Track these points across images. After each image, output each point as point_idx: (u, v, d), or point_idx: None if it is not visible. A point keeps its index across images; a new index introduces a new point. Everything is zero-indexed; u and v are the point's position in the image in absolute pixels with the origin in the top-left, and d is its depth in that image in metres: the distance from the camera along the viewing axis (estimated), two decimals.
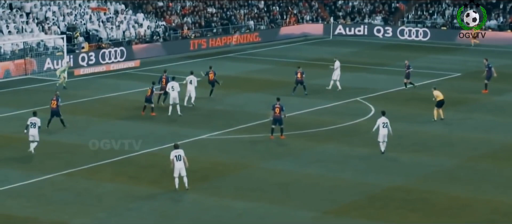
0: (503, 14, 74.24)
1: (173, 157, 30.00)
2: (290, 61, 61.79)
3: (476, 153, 35.83)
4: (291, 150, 36.34)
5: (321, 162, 34.47)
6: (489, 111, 44.41)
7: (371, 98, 47.26)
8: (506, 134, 39.15)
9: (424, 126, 40.70)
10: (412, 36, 74.52)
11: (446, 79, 54.26)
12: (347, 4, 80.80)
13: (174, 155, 29.99)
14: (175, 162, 29.90)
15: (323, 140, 37.87)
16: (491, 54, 65.58)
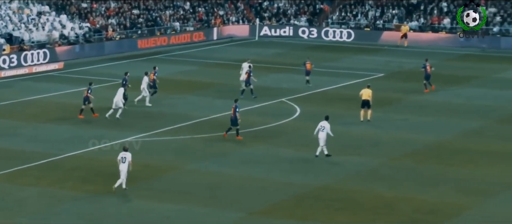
0: (424, 16, 75.63)
1: (119, 159, 30.33)
2: (216, 63, 61.83)
3: (400, 152, 36.44)
4: (218, 151, 36.39)
5: (249, 163, 34.60)
6: (411, 111, 45.18)
7: (296, 99, 47.62)
8: (428, 133, 39.90)
9: (349, 126, 41.20)
10: (336, 37, 75.31)
11: (370, 80, 54.97)
12: (273, 6, 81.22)
13: (120, 156, 30.29)
14: (119, 163, 30.22)
15: (250, 141, 38.02)
16: (413, 55, 66.74)
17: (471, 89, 51.44)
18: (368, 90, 42.13)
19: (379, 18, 77.03)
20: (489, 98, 48.71)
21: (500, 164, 34.69)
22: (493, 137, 39.46)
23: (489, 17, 73.11)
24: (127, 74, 45.54)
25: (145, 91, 44.91)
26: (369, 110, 41.84)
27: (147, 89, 45.02)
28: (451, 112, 44.64)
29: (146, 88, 44.97)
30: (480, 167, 34.20)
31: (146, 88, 44.97)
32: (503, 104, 46.71)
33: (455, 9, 75.48)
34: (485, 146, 37.52)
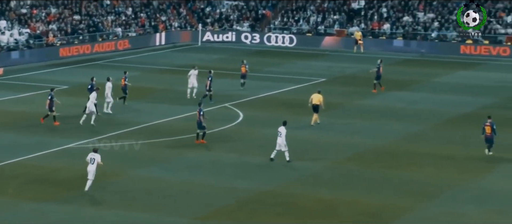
0: (364, 21, 76.32)
1: (88, 159, 30.55)
2: (159, 68, 61.48)
3: (342, 156, 36.63)
4: (160, 157, 36.14)
5: (192, 168, 34.44)
6: (354, 115, 45.48)
7: (239, 104, 47.59)
8: (370, 137, 40.20)
9: (292, 131, 41.24)
10: (278, 43, 75.56)
11: (312, 85, 55.24)
12: (215, 11, 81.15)
13: (89, 157, 30.59)
14: (88, 164, 30.54)
15: (193, 147, 37.83)
16: (354, 59, 67.26)
17: (411, 93, 52.00)
18: (318, 96, 42.45)
19: (320, 23, 77.52)
20: (428, 102, 49.31)
21: (440, 166, 35.11)
22: (433, 140, 39.92)
23: (427, 23, 74.10)
24: (93, 79, 44.89)
25: (109, 98, 44.11)
26: (316, 115, 42.03)
27: (111, 95, 44.13)
28: (392, 116, 45.06)
29: (109, 94, 44.11)
30: (421, 170, 34.57)
31: (109, 94, 44.11)
32: (442, 108, 47.31)
33: (394, 14, 76.37)
34: (425, 149, 37.94)
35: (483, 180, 33.11)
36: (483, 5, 74.33)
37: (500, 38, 70.94)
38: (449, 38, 72.30)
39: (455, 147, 38.49)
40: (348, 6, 78.19)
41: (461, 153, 37.24)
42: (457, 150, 37.88)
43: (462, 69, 62.15)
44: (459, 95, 51.50)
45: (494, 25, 72.05)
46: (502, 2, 74.16)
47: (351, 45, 72.31)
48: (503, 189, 32.00)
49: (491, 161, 35.79)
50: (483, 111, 44.68)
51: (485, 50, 69.46)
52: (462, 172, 34.33)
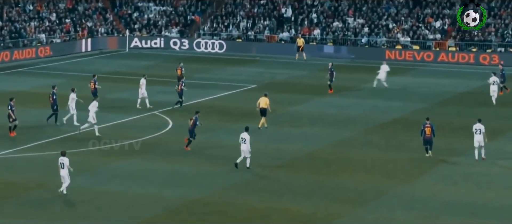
0: (295, 27, 76.68)
1: (58, 164, 31.07)
2: (85, 76, 60.64)
3: (273, 163, 36.60)
4: (87, 166, 35.55)
5: (120, 178, 33.97)
6: (285, 121, 45.54)
7: (168, 112, 47.23)
8: (301, 144, 40.28)
9: (222, 138, 41.12)
10: (208, 49, 75.34)
11: (243, 91, 55.20)
12: (143, 17, 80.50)
13: (59, 162, 31.04)
14: (59, 169, 30.87)
15: (121, 155, 37.34)
16: (284, 65, 67.46)
17: (342, 99, 52.35)
18: (265, 99, 42.72)
19: (250, 29, 77.58)
20: (359, 108, 49.69)
21: (371, 172, 35.35)
22: (364, 145, 40.20)
23: (357, 28, 74.81)
24: (55, 87, 44.36)
25: (72, 109, 43.19)
26: (263, 118, 42.14)
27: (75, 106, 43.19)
28: (323, 122, 45.25)
29: (73, 106, 43.14)
30: (352, 176, 34.75)
31: (73, 106, 43.14)
32: (372, 114, 47.72)
33: (324, 20, 76.91)
34: (356, 155, 38.17)
35: (413, 186, 33.44)
36: (412, 11, 75.45)
37: (429, 43, 72.01)
38: (379, 44, 73.09)
39: (386, 153, 38.82)
40: (278, 11, 78.46)
41: (392, 158, 37.56)
42: (387, 156, 38.20)
43: (391, 75, 62.83)
44: (388, 101, 52.02)
45: (423, 30, 73.12)
46: (430, 8, 75.34)
47: (282, 51, 72.54)
48: (432, 194, 32.36)
49: (421, 167, 36.18)
50: (412, 116, 45.23)
51: (409, 55, 70.38)
52: (392, 177, 34.63)
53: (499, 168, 36.24)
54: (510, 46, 69.76)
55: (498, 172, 35.56)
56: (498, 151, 38.98)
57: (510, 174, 35.22)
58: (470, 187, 33.38)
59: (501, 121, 45.84)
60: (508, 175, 35.12)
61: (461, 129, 43.06)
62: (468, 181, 34.14)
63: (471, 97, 53.89)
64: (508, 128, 44.06)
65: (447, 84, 58.62)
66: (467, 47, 70.80)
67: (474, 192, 32.66)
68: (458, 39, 71.48)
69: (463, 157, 37.89)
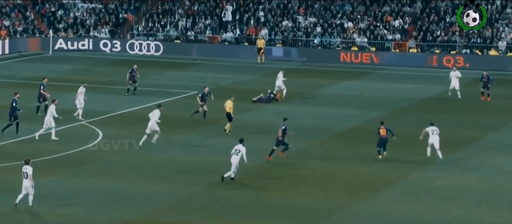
0: (239, 26, 76.72)
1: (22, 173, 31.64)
2: (2, 82, 59.81)
3: (216, 179, 36.44)
4: (6, 184, 34.99)
5: (41, 198, 33.48)
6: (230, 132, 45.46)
7: (98, 122, 46.84)
8: (248, 156, 40.14)
9: (160, 151, 40.88)
10: (143, 51, 75.00)
11: (183, 98, 55.01)
12: (69, 15, 79.77)
13: (22, 171, 31.63)
14: (23, 179, 31.52)
15: (43, 171, 36.83)
16: (229, 69, 67.45)
17: (292, 107, 52.42)
18: (230, 103, 43.60)
19: (190, 29, 77.43)
20: (311, 116, 49.83)
21: (325, 188, 35.36)
22: (318, 158, 40.28)
23: (309, 28, 75.15)
24: (17, 94, 44.30)
25: (51, 122, 42.57)
26: (228, 124, 42.84)
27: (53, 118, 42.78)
28: (271, 133, 45.11)
29: (52, 119, 42.63)
30: (305, 192, 34.73)
31: (52, 119, 42.63)
32: (326, 123, 47.88)
33: (272, 19, 77.07)
34: (309, 169, 38.19)
35: (372, 202, 33.58)
36: (369, 9, 76.05)
37: (388, 44, 72.62)
38: (333, 45, 73.50)
39: (342, 165, 38.95)
40: (220, 9, 78.44)
41: (349, 172, 37.71)
42: (344, 169, 38.33)
43: (347, 79, 63.23)
44: (344, 108, 52.30)
45: (381, 30, 73.71)
46: (389, 5, 76.03)
47: (225, 53, 72.62)
48: (392, 211, 32.52)
49: (381, 181, 36.35)
50: (371, 125, 45.43)
51: (366, 57, 70.95)
52: (349, 193, 34.72)
53: (465, 181, 36.58)
54: (476, 47, 70.68)
55: (464, 186, 35.89)
56: (464, 163, 39.38)
57: (477, 189, 35.56)
58: (433, 203, 33.63)
59: (467, 130, 46.35)
60: (475, 189, 35.45)
61: (425, 139, 43.38)
62: (432, 197, 34.38)
63: (434, 103, 54.45)
64: (474, 137, 44.54)
65: (408, 90, 59.16)
66: (430, 48, 71.59)
67: (438, 209, 32.90)
68: (419, 40, 72.23)
69: (427, 170, 38.19)
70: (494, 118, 49.59)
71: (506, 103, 54.51)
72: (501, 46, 70.10)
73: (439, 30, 72.47)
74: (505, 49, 70.02)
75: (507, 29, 71.32)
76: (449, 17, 73.44)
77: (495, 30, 71.34)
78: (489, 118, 49.32)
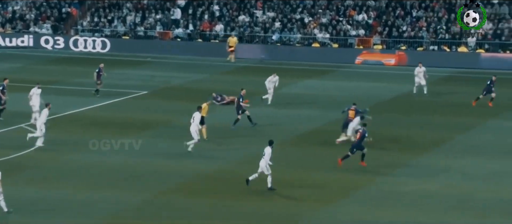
0: (193, 22, 76.62)
1: None
2: None
3: (168, 185, 36.39)
4: None
5: None
6: (182, 135, 45.39)
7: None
8: (200, 161, 40.16)
9: (103, 156, 40.72)
10: (88, 48, 74.70)
11: (132, 99, 54.84)
12: (6, 9, 79.20)
13: None
14: None
15: None
16: (180, 68, 67.39)
17: (251, 108, 52.36)
18: (205, 106, 43.45)
19: (139, 24, 77.22)
20: (269, 118, 49.93)
21: (284, 194, 35.41)
22: (278, 162, 40.20)
23: (267, 23, 75.29)
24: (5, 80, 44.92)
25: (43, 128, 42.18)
26: (203, 128, 42.56)
27: None
28: (229, 136, 45.21)
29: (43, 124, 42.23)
30: (263, 199, 34.75)
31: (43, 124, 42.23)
32: (286, 125, 47.97)
33: (228, 13, 77.11)
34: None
35: (334, 209, 33.68)
36: (331, 2, 76.37)
37: (351, 40, 73.00)
38: (293, 42, 73.68)
39: (302, 170, 39.04)
40: (173, 3, 78.32)
41: (309, 177, 37.79)
42: (304, 174, 38.41)
43: (308, 78, 63.45)
44: (304, 109, 52.45)
45: (344, 25, 74.06)
46: None
47: (177, 50, 72.59)
48: (356, 219, 32.69)
49: (344, 186, 36.47)
50: (333, 127, 45.65)
51: (329, 54, 71.25)
52: (309, 199, 34.81)
53: (433, 186, 36.84)
54: (444, 44, 71.25)
55: (431, 191, 36.13)
56: (432, 167, 39.65)
57: (445, 193, 35.83)
58: (400, 208, 33.81)
59: (434, 131, 46.68)
60: (443, 194, 35.71)
61: (391, 141, 43.70)
62: (398, 202, 34.56)
63: (401, 103, 54.82)
64: (442, 139, 44.87)
65: (372, 88, 59.48)
66: (395, 44, 72.08)
67: (405, 214, 33.11)
68: (384, 36, 72.68)
69: (393, 175, 38.42)
70: (462, 118, 50.03)
71: (476, 103, 54.98)
72: (471, 43, 70.74)
73: (405, 26, 72.98)
74: (474, 45, 70.68)
75: None
76: (416, 11, 73.99)
77: None
78: (458, 119, 49.76)
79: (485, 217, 32.86)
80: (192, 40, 75.28)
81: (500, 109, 52.33)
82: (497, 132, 46.73)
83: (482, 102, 52.38)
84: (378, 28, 73.67)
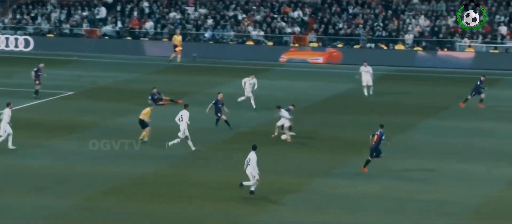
0: (121, 18, 76.42)
1: None
2: None
3: (96, 190, 36.30)
4: None
5: None
6: (109, 136, 45.28)
7: None
8: (131, 164, 40.12)
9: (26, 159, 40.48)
10: (10, 46, 74.13)
11: (57, 100, 54.55)
12: None
13: None
14: None
15: None
16: (108, 67, 67.14)
17: (180, 109, 52.34)
18: (147, 110, 43.37)
19: (65, 21, 76.79)
20: (202, 119, 49.97)
21: (215, 198, 35.52)
22: (210, 165, 40.46)
23: (199, 20, 75.39)
24: None
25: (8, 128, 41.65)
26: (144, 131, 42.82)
27: None
28: (156, 137, 45.13)
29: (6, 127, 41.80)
30: (193, 203, 34.82)
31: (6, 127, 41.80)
32: (219, 126, 48.05)
33: (158, 10, 77.03)
34: (198, 178, 38.24)
35: (268, 213, 33.85)
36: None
37: (286, 38, 73.39)
38: (226, 39, 73.88)
39: (238, 173, 39.18)
40: (99, 1, 78.03)
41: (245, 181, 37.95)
42: (236, 177, 38.56)
43: (242, 77, 63.62)
44: (237, 109, 52.57)
45: (279, 22, 74.44)
46: None
47: (105, 49, 72.33)
48: (293, 221, 32.92)
49: (277, 190, 36.53)
50: (267, 127, 45.86)
51: (258, 52, 71.60)
52: (243, 204, 34.95)
53: (371, 188, 37.21)
54: (381, 41, 72.01)
55: (369, 193, 36.47)
56: (370, 168, 40.05)
57: (383, 196, 36.19)
58: (337, 211, 34.10)
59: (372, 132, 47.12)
60: (381, 196, 36.07)
61: (328, 142, 44.02)
62: (336, 205, 34.83)
63: (337, 102, 55.25)
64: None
65: (308, 88, 59.85)
66: (332, 42, 72.65)
67: (342, 218, 33.40)
68: (320, 33, 73.22)
69: (330, 177, 38.73)
70: (400, 118, 50.55)
71: (414, 102, 55.70)
72: (408, 40, 71.61)
73: (342, 23, 73.60)
74: (412, 43, 71.53)
75: (414, 21, 72.89)
76: (352, 8, 74.68)
77: (401, 23, 72.83)
78: (396, 118, 50.21)
79: (423, 219, 33.35)
80: (121, 38, 75.05)
81: (438, 109, 53.07)
82: (434, 132, 47.38)
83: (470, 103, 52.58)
84: (314, 26, 74.18)
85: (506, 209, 34.63)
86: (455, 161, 41.44)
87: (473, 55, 69.22)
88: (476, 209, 34.54)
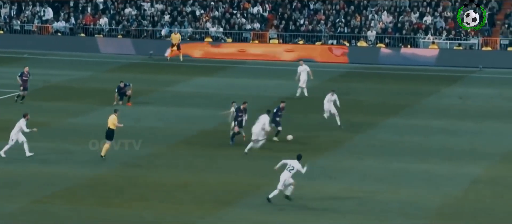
0: (74, 14, 76.04)
1: None
2: None
3: (47, 192, 36.10)
4: None
5: None
6: (61, 137, 45.13)
7: None
8: (83, 165, 39.94)
9: None
10: None
11: (6, 99, 54.23)
12: None
13: None
14: None
15: None
16: (61, 65, 66.86)
17: (138, 108, 52.26)
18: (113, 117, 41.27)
19: (15, 17, 76.35)
20: (159, 118, 49.90)
21: (173, 200, 35.51)
22: (166, 166, 40.40)
23: (155, 16, 75.19)
24: None
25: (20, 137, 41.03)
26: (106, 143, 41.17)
27: None
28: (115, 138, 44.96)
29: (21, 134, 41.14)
30: (150, 205, 34.77)
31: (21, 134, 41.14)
32: (176, 125, 47.99)
33: (113, 6, 76.74)
34: (156, 179, 38.20)
35: (225, 215, 33.87)
36: None
37: (245, 35, 73.34)
38: (185, 36, 73.69)
39: (193, 174, 39.13)
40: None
41: (200, 181, 37.90)
42: (195, 178, 38.51)
43: (200, 75, 63.57)
44: (195, 108, 52.54)
45: (238, 18, 74.38)
46: None
47: (58, 46, 72.10)
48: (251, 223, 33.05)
49: (235, 191, 36.62)
50: (225, 127, 45.77)
51: (221, 50, 71.54)
52: (200, 204, 34.93)
53: (331, 189, 37.29)
54: (343, 38, 72.14)
55: (330, 194, 36.55)
56: (331, 169, 40.14)
57: (345, 197, 36.28)
58: (296, 213, 34.11)
59: (333, 132, 47.22)
60: (342, 197, 36.16)
61: (288, 142, 43.97)
62: (294, 207, 34.80)
63: (297, 102, 55.25)
64: (340, 140, 45.43)
65: (269, 86, 59.89)
66: (293, 39, 72.70)
67: (302, 220, 33.46)
68: (281, 29, 73.24)
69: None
70: (362, 117, 50.68)
71: (376, 100, 55.85)
72: (371, 36, 71.79)
73: (303, 19, 73.65)
74: (374, 39, 71.72)
75: (376, 17, 73.09)
76: (313, 3, 74.75)
77: (363, 19, 73.01)
78: (357, 118, 50.35)
79: (385, 220, 33.45)
80: (74, 35, 74.65)
81: (400, 107, 53.26)
82: (396, 131, 47.52)
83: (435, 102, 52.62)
84: (274, 22, 74.18)
85: (468, 210, 34.80)
86: (418, 161, 41.59)
87: (437, 52, 69.50)
88: (439, 209, 34.71)
